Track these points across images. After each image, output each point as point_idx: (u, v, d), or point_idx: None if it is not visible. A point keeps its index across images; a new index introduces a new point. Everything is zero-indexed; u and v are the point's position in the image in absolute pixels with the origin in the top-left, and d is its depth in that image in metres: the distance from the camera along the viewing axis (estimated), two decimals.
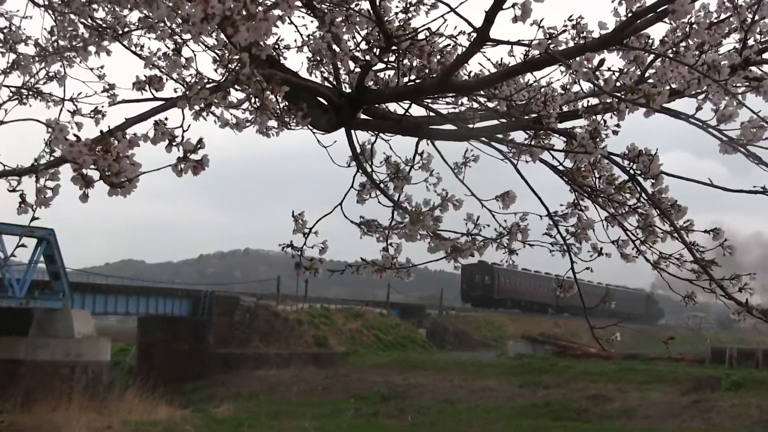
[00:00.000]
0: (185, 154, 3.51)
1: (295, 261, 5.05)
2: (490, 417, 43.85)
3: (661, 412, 43.85)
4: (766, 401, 42.62)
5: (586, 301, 5.09)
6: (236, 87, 3.66)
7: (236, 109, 4.52)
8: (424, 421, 43.71)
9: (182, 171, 3.52)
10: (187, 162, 3.51)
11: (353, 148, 5.24)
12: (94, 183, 3.18)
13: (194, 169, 3.53)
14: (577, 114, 4.75)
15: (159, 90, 3.93)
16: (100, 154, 3.15)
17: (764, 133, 4.46)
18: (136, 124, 3.47)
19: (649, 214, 5.01)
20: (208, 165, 3.56)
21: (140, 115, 3.55)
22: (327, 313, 72.33)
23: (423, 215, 4.82)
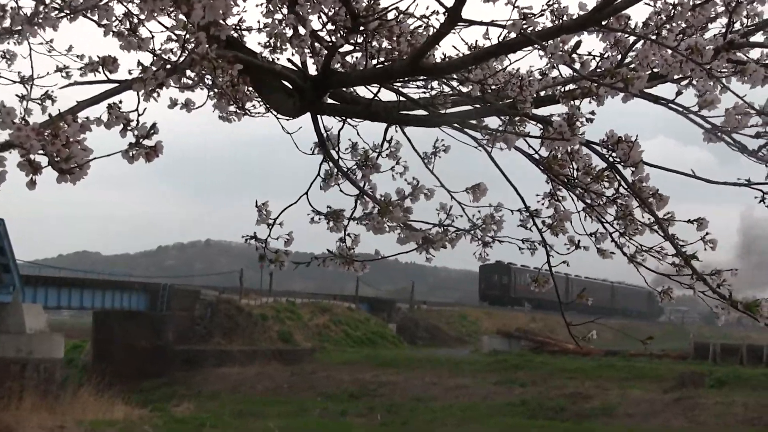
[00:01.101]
0: (138, 140, 3.46)
1: (259, 253, 5.02)
2: (464, 416, 43.97)
3: (642, 410, 44.08)
4: (751, 399, 42.96)
5: (593, 299, 5.11)
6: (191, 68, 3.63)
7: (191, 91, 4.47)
8: (395, 421, 43.77)
9: (134, 157, 3.47)
10: (140, 148, 3.47)
11: (319, 134, 5.22)
12: (42, 169, 3.13)
13: (147, 156, 3.49)
14: (555, 99, 4.75)
15: (113, 72, 3.90)
16: (49, 138, 3.11)
17: (749, 120, 4.46)
18: (88, 107, 3.43)
19: (628, 205, 5.02)
20: (162, 152, 3.51)
21: (93, 98, 3.50)
22: (293, 308, 72.25)
23: (393, 205, 4.77)
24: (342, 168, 5.25)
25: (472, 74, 5.01)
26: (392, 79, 5.08)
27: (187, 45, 3.63)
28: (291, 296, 75.93)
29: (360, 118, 5.32)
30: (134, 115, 3.49)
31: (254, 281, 76.66)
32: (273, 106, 4.98)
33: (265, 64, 4.66)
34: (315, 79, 4.90)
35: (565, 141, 4.35)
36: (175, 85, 3.67)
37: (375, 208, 4.87)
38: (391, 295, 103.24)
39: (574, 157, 4.82)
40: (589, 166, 4.85)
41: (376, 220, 4.68)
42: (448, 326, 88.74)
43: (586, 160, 4.82)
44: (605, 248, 5.22)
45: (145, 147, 3.47)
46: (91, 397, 45.74)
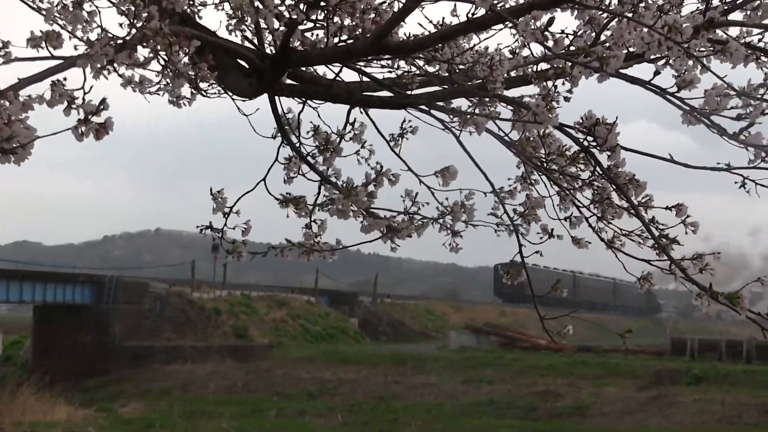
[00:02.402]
0: (86, 117, 3.45)
1: (213, 243, 5.00)
2: (429, 416, 44.00)
3: (616, 409, 44.30)
4: (729, 396, 43.28)
5: (597, 296, 5.13)
6: (143, 44, 3.61)
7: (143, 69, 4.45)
8: (356, 421, 43.75)
9: (83, 134, 3.46)
10: (89, 125, 3.45)
11: (277, 116, 5.21)
12: None
13: (97, 133, 3.48)
14: (526, 80, 4.76)
15: (57, 47, 3.88)
16: None
17: (729, 102, 4.50)
18: (30, 84, 3.41)
19: (605, 187, 5.04)
20: (113, 129, 3.50)
21: (35, 75, 3.48)
22: (248, 301, 72.01)
23: (356, 191, 4.75)
24: (302, 153, 5.24)
25: (440, 53, 5.02)
26: (355, 58, 5.08)
27: (137, 20, 3.62)
28: (246, 289, 75.68)
29: (321, 99, 5.31)
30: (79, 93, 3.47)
31: (207, 273, 76.36)
32: (228, 86, 4.96)
33: (220, 42, 4.64)
34: (273, 58, 4.88)
35: (538, 123, 4.32)
36: (126, 63, 3.65)
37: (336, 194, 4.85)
38: (352, 288, 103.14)
39: (545, 141, 4.83)
40: (563, 146, 4.88)
41: (340, 202, 4.65)
42: (413, 321, 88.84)
43: (560, 142, 4.84)
44: (580, 237, 5.24)
45: (94, 124, 3.46)
46: (32, 397, 45.32)
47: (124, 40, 3.60)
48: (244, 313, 69.66)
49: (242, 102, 5.15)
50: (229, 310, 68.60)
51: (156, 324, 65.08)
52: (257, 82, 4.88)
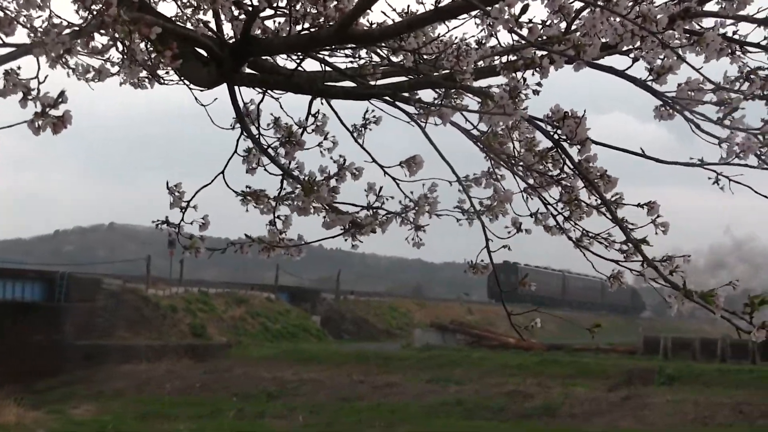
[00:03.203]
0: (44, 109, 3.43)
1: (169, 239, 4.98)
2: (394, 417, 44.04)
3: (587, 409, 44.47)
4: (703, 396, 43.54)
5: (585, 295, 5.14)
6: (101, 31, 3.59)
7: (100, 57, 4.43)
8: (319, 422, 43.72)
9: (40, 128, 3.44)
10: (47, 118, 3.44)
11: (237, 107, 5.20)
12: None
13: (54, 127, 3.46)
14: (495, 71, 4.76)
15: (9, 35, 3.86)
16: None
17: (703, 96, 4.54)
18: None
19: (574, 186, 5.06)
20: (71, 122, 3.48)
21: None
22: (206, 299, 71.74)
23: (318, 185, 4.74)
24: (262, 145, 5.23)
25: (406, 43, 5.02)
26: (318, 47, 5.08)
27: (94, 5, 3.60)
28: (204, 286, 75.36)
29: (282, 89, 5.31)
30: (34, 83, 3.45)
31: (163, 269, 76.00)
32: (186, 75, 4.95)
33: (179, 29, 4.63)
34: (233, 46, 4.88)
35: (506, 116, 4.33)
36: (83, 51, 3.64)
37: (298, 188, 4.84)
38: (314, 285, 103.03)
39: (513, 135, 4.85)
40: (532, 142, 4.89)
41: (300, 199, 4.65)
42: (377, 318, 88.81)
43: (528, 137, 4.86)
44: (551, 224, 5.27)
45: (51, 117, 3.44)
46: None
47: (80, 27, 3.58)
48: (202, 310, 69.39)
49: (200, 92, 5.14)
50: (186, 308, 68.31)
51: (110, 322, 64.68)
52: (216, 72, 4.87)
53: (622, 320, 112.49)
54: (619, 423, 42.12)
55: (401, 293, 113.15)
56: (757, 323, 3.58)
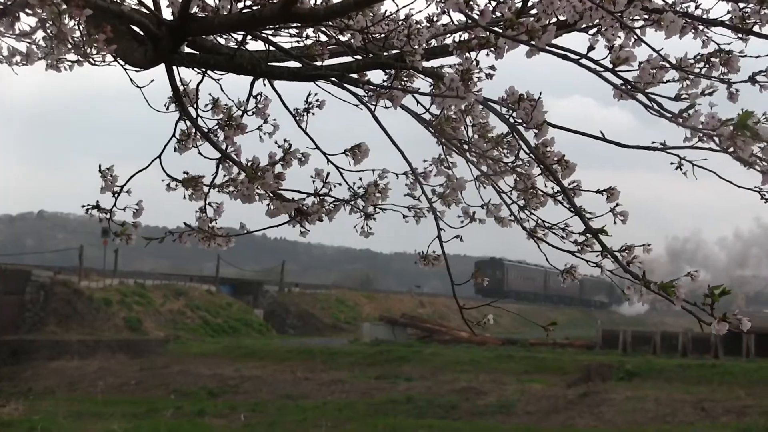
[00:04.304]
0: None
1: (103, 226, 4.94)
2: (340, 415, 44.02)
3: (543, 407, 44.63)
4: (664, 393, 43.87)
5: (565, 290, 5.15)
6: (26, 11, 3.57)
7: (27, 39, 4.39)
8: (261, 422, 43.58)
9: None
10: None
11: (175, 88, 5.17)
12: None
13: None
14: (447, 50, 4.77)
15: None
16: None
17: (664, 75, 4.57)
18: None
19: (529, 174, 5.08)
20: None
21: None
22: (142, 291, 71.44)
23: (262, 171, 4.73)
24: (201, 128, 5.21)
25: (353, 21, 5.01)
26: (261, 26, 5.06)
27: None
28: (140, 277, 75.05)
29: (222, 70, 5.29)
30: None
31: (96, 260, 75.56)
32: (121, 55, 4.92)
33: (113, 7, 4.60)
34: (171, 25, 4.84)
35: (458, 98, 4.32)
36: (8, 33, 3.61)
37: (240, 174, 4.81)
38: (257, 276, 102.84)
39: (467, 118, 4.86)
40: (485, 127, 4.90)
41: (245, 185, 4.62)
42: (324, 312, 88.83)
43: (481, 121, 4.87)
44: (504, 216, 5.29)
45: None
46: None
47: (4, 7, 3.56)
48: (138, 303, 69.09)
49: (135, 72, 5.11)
50: (120, 301, 67.98)
51: (39, 316, 64.27)
52: (153, 51, 4.84)
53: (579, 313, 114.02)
54: (576, 421, 42.32)
55: (349, 285, 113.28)
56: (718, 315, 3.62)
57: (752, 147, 3.62)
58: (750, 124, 3.45)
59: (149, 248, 5.01)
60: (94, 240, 70.53)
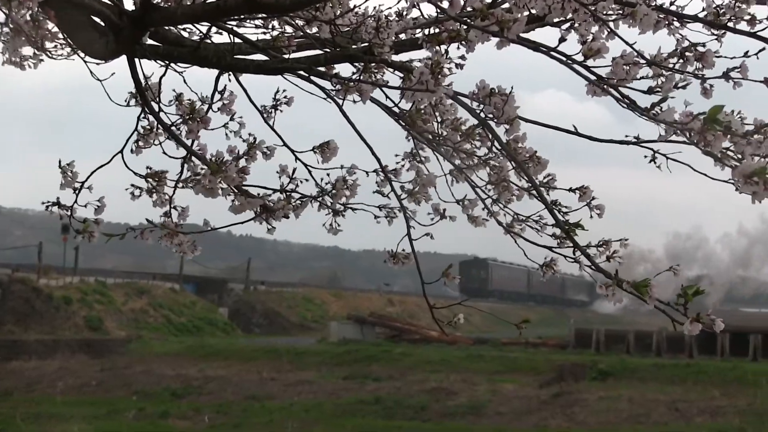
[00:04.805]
0: None
1: (63, 223, 4.92)
2: (307, 416, 44.01)
3: (515, 408, 44.72)
4: (637, 393, 44.05)
5: (548, 290, 5.14)
6: None
7: None
8: (225, 423, 43.52)
9: None
10: None
11: (137, 81, 5.14)
12: None
13: None
14: (417, 43, 4.77)
15: None
16: None
17: (638, 71, 4.58)
18: None
19: (503, 166, 5.09)
20: None
21: None
22: (103, 289, 71.17)
23: (225, 165, 4.70)
24: (165, 123, 5.18)
25: (321, 12, 5.00)
26: (226, 16, 5.04)
27: None
28: (101, 275, 74.83)
29: (186, 62, 5.26)
30: None
31: (56, 257, 75.25)
32: (80, 46, 4.89)
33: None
34: (132, 15, 4.81)
35: (429, 92, 4.30)
36: None
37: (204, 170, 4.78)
38: (222, 274, 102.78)
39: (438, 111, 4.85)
40: (457, 121, 4.90)
41: (207, 179, 4.59)
42: (290, 311, 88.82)
43: (452, 115, 4.86)
44: (477, 215, 5.29)
45: None
46: None
47: None
48: (99, 302, 68.84)
49: (96, 64, 5.08)
50: (81, 299, 67.71)
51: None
52: (114, 43, 4.80)
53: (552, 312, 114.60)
54: (549, 422, 42.44)
55: (316, 283, 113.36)
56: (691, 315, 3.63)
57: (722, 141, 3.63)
58: (720, 119, 3.46)
59: (111, 245, 4.99)
60: (54, 237, 70.18)
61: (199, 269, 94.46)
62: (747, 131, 3.42)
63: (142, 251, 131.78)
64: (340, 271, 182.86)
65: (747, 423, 37.57)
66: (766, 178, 3.09)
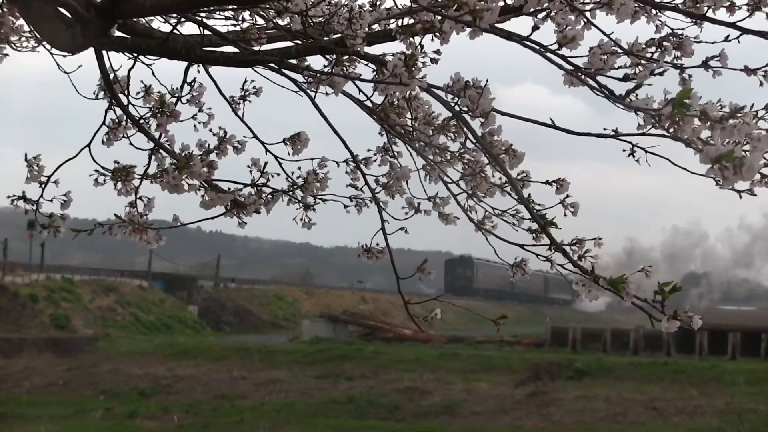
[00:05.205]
0: None
1: (29, 218, 4.89)
2: (278, 416, 43.94)
3: (490, 407, 44.75)
4: (614, 392, 44.16)
5: (530, 288, 5.14)
6: None
7: None
8: (195, 423, 43.42)
9: None
10: None
11: (105, 74, 5.12)
12: None
13: None
14: (390, 35, 4.76)
15: None
16: None
17: (616, 61, 4.59)
18: None
19: (477, 161, 5.08)
20: None
21: None
22: (70, 287, 70.95)
23: (193, 159, 4.68)
24: (133, 116, 5.16)
25: (292, 4, 4.98)
26: (195, 8, 5.02)
27: None
28: (68, 272, 74.52)
29: (155, 55, 5.24)
30: None
31: (21, 254, 74.97)
32: (46, 38, 4.86)
33: None
34: (100, 6, 4.78)
35: (402, 85, 4.28)
36: None
37: (172, 164, 4.75)
38: (192, 271, 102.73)
39: (411, 105, 4.85)
40: (430, 115, 4.89)
41: (172, 175, 4.56)
42: (262, 309, 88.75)
43: (426, 109, 4.86)
44: (449, 213, 5.28)
45: None
46: None
47: None
48: (66, 300, 68.61)
49: (63, 57, 5.06)
50: (47, 297, 67.47)
51: None
52: (81, 35, 4.77)
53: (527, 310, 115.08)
54: (524, 421, 42.49)
55: (288, 281, 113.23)
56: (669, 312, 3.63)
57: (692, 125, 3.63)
58: (688, 102, 3.47)
59: (78, 241, 4.96)
60: (19, 233, 70.01)
61: (169, 266, 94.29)
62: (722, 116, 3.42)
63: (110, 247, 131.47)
64: (312, 268, 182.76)
65: (725, 423, 37.66)
66: (735, 162, 3.09)
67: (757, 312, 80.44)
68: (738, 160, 3.09)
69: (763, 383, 43.94)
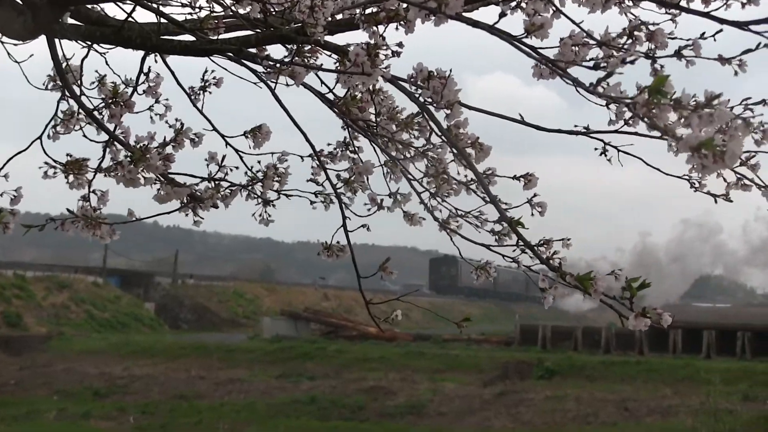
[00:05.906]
0: None
1: None
2: (238, 417, 43.88)
3: (457, 407, 44.80)
4: (585, 392, 44.28)
5: (513, 287, 5.14)
6: None
7: None
8: (152, 424, 43.31)
9: None
10: None
11: (57, 63, 5.09)
12: None
13: None
14: (354, 24, 4.75)
15: None
16: None
17: (588, 52, 4.59)
18: None
19: (441, 158, 5.08)
20: None
21: None
22: (22, 283, 70.61)
23: (149, 152, 4.65)
24: (87, 107, 5.13)
25: None
26: None
27: None
28: (20, 269, 74.13)
29: (109, 43, 5.21)
30: None
31: None
32: None
33: None
34: None
35: (365, 75, 4.25)
36: None
37: (127, 156, 4.72)
38: (148, 267, 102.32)
39: (375, 99, 4.84)
40: (394, 109, 4.89)
41: (127, 168, 4.53)
42: (221, 306, 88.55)
43: (389, 103, 4.85)
44: (414, 212, 5.28)
45: None
46: None
47: None
48: (18, 297, 68.29)
49: (14, 45, 5.03)
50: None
51: None
52: (32, 22, 4.75)
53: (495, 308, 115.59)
54: (492, 422, 42.53)
55: (248, 277, 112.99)
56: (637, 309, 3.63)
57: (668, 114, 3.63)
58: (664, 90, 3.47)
59: (29, 237, 4.93)
60: None
61: (124, 262, 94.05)
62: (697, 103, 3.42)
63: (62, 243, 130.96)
64: (272, 263, 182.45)
65: (699, 422, 37.80)
66: (715, 149, 3.10)
67: (733, 309, 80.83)
68: (718, 147, 3.10)
69: (739, 382, 44.15)
